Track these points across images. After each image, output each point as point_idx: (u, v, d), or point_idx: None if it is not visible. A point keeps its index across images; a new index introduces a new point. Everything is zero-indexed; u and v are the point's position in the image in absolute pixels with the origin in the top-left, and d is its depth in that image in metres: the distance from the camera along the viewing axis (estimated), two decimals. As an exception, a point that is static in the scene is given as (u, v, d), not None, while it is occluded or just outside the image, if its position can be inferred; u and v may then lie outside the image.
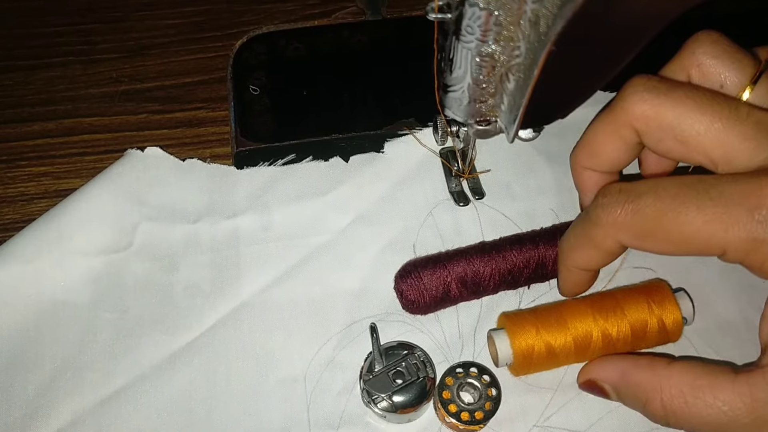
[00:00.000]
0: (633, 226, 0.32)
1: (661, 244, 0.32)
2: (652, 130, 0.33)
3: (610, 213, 0.32)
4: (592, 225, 0.34)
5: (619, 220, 0.32)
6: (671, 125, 0.32)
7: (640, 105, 0.33)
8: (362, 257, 0.43)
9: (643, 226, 0.31)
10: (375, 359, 0.38)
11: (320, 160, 0.47)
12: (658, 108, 0.33)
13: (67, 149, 0.49)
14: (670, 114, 0.32)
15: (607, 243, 0.34)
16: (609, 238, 0.33)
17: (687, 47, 0.36)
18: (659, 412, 0.32)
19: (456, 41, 0.33)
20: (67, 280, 0.42)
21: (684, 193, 0.30)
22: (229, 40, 0.54)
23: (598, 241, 0.34)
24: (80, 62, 0.53)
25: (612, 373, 0.35)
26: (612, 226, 0.32)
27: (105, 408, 0.38)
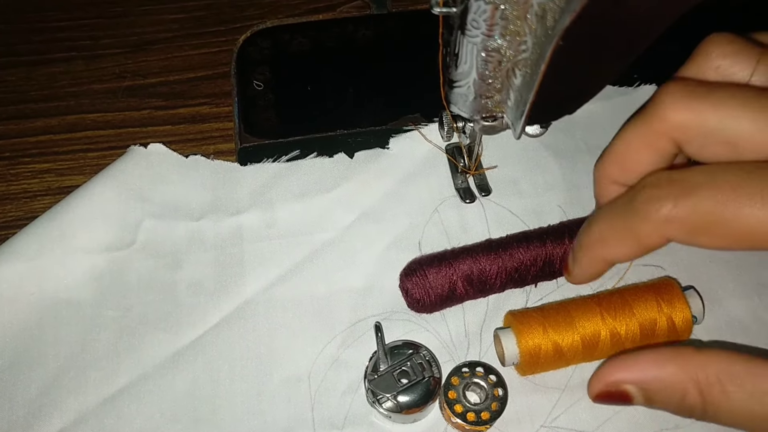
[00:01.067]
0: (688, 221, 0.28)
1: (718, 240, 0.28)
2: (694, 137, 0.30)
3: (661, 207, 0.29)
4: (639, 219, 0.30)
5: (672, 215, 0.29)
6: (716, 129, 0.29)
7: (679, 112, 0.30)
8: (367, 255, 0.43)
9: (700, 222, 0.28)
10: (380, 359, 0.37)
11: (325, 156, 0.46)
12: (698, 112, 0.30)
13: (70, 146, 0.49)
14: (712, 117, 0.29)
15: (652, 239, 0.30)
16: (656, 234, 0.30)
17: (701, 51, 0.33)
18: (698, 406, 0.29)
19: (461, 36, 0.32)
20: (69, 277, 0.42)
21: (746, 183, 0.27)
22: (232, 34, 0.54)
23: (643, 236, 0.30)
24: (83, 58, 0.53)
25: (635, 371, 0.31)
26: (663, 221, 0.29)
27: (108, 407, 0.38)
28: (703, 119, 0.30)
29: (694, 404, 0.29)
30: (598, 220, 0.33)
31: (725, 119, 0.29)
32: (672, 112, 0.30)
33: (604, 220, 0.33)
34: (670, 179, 0.29)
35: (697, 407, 0.29)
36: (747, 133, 0.29)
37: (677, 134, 0.31)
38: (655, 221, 0.29)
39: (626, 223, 0.31)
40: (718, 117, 0.29)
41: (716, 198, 0.28)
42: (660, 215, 0.29)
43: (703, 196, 0.28)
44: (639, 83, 0.48)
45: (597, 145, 0.46)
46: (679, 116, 0.30)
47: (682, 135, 0.31)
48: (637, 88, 0.48)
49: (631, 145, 0.33)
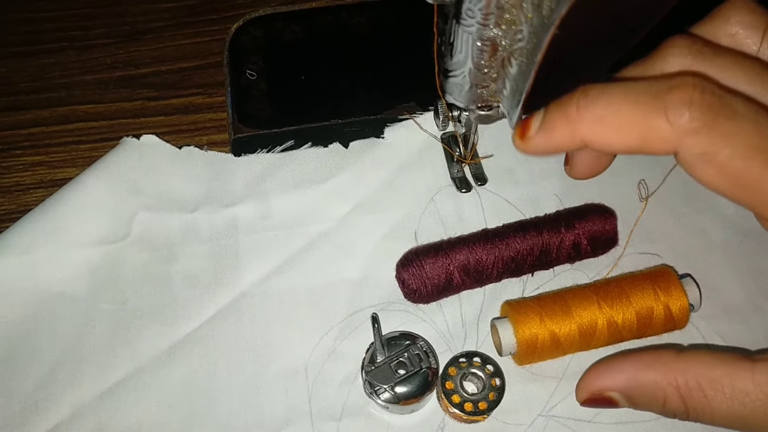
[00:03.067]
0: (712, 147, 0.26)
1: (726, 183, 0.27)
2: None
3: (695, 118, 0.26)
4: (662, 118, 0.27)
5: (701, 131, 0.26)
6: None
7: (681, 69, 0.29)
8: (363, 245, 0.43)
9: (724, 156, 0.26)
10: (377, 350, 0.37)
11: (319, 147, 0.46)
12: (702, 74, 0.29)
13: (62, 138, 0.48)
14: (714, 81, 0.28)
15: (663, 144, 0.27)
16: (671, 142, 0.27)
17: (720, 13, 0.31)
18: (680, 409, 0.30)
19: (456, 25, 0.32)
20: (64, 271, 0.42)
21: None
22: (225, 23, 0.53)
23: (656, 137, 0.27)
24: (74, 48, 0.52)
25: (617, 378, 0.32)
26: (687, 132, 0.27)
27: (104, 400, 0.38)
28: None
29: (677, 408, 0.30)
30: (605, 94, 0.28)
31: (727, 85, 0.28)
32: (675, 67, 0.29)
33: (615, 97, 0.28)
34: (713, 91, 0.26)
35: (680, 411, 0.30)
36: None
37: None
38: (680, 128, 0.26)
39: (645, 114, 0.27)
40: (720, 81, 0.28)
41: (752, 140, 0.26)
42: (689, 125, 0.26)
43: (742, 131, 0.26)
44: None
45: (593, 133, 0.46)
46: (684, 64, 0.29)
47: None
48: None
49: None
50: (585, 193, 0.44)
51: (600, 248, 0.41)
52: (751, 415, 0.28)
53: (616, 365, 0.32)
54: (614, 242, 0.42)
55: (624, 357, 0.32)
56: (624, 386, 0.32)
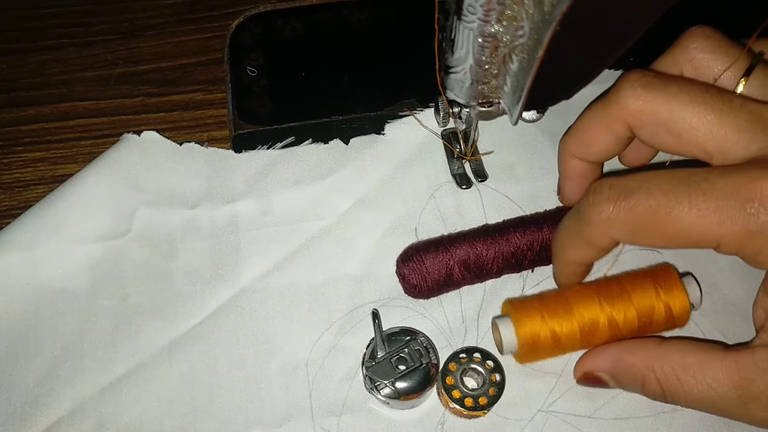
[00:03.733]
0: (625, 223, 0.32)
1: (654, 240, 0.32)
2: (646, 124, 0.33)
3: (602, 211, 0.32)
4: (584, 224, 0.33)
5: (612, 218, 0.32)
6: (664, 119, 0.32)
7: (633, 101, 0.33)
8: (363, 241, 0.43)
9: (636, 223, 0.31)
10: (377, 345, 0.37)
11: (320, 143, 0.46)
12: (651, 103, 0.33)
13: (62, 134, 0.48)
14: (663, 108, 0.32)
15: (600, 240, 0.34)
16: (602, 236, 0.33)
17: (680, 42, 0.36)
18: (657, 391, 0.33)
19: (457, 21, 0.32)
20: (65, 267, 0.42)
21: (676, 188, 0.30)
22: (225, 20, 0.53)
23: (591, 239, 0.34)
24: (74, 45, 0.52)
25: (604, 361, 0.36)
26: (605, 224, 0.32)
27: (105, 396, 0.38)
28: (654, 109, 0.33)
29: (654, 390, 0.33)
30: (559, 230, 0.37)
31: (673, 111, 0.32)
32: (628, 100, 0.33)
33: (562, 229, 0.36)
34: (610, 185, 0.32)
35: (657, 393, 0.33)
36: (690, 126, 0.32)
37: (631, 120, 0.34)
38: (598, 224, 0.33)
39: (577, 228, 0.34)
40: (667, 108, 0.32)
41: (648, 203, 0.31)
42: (601, 218, 0.32)
43: (637, 201, 0.31)
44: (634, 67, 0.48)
45: (593, 130, 0.46)
46: (633, 104, 0.33)
47: (635, 121, 0.34)
48: (633, 71, 0.48)
49: (591, 126, 0.36)
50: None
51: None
52: (719, 399, 0.31)
53: (604, 350, 0.36)
54: (614, 238, 0.42)
55: (613, 344, 0.36)
56: (609, 368, 0.35)
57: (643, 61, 0.36)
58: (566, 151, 0.39)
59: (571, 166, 0.39)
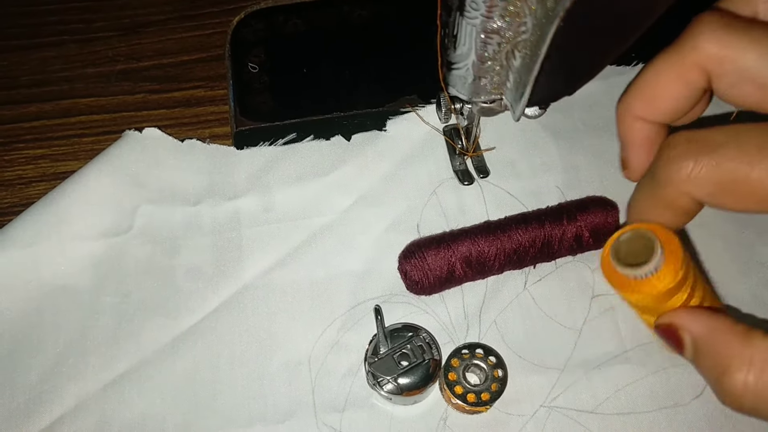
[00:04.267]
0: (710, 182, 0.28)
1: (744, 202, 0.28)
2: (728, 72, 0.29)
3: (681, 168, 0.28)
4: (660, 185, 0.29)
5: (693, 175, 0.28)
6: (749, 67, 0.28)
7: (714, 44, 0.29)
8: (365, 238, 0.43)
9: (724, 182, 0.27)
10: (380, 341, 0.37)
11: (321, 139, 0.46)
12: (736, 47, 0.28)
13: (64, 131, 0.48)
14: (750, 55, 0.28)
15: (680, 202, 0.29)
16: (683, 197, 0.29)
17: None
18: (738, 387, 0.27)
19: (460, 17, 0.32)
20: (67, 264, 0.42)
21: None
22: (226, 16, 0.53)
23: (670, 201, 0.29)
24: (75, 41, 0.52)
25: (700, 325, 0.29)
26: (685, 182, 0.28)
27: (108, 392, 0.38)
28: (739, 54, 0.28)
29: (734, 384, 0.27)
30: (633, 199, 0.32)
31: (762, 58, 0.28)
32: (708, 43, 0.29)
33: (637, 197, 0.32)
34: (688, 138, 0.28)
35: (736, 388, 0.27)
36: None
37: (711, 66, 0.29)
38: (678, 183, 0.28)
39: (652, 192, 0.30)
40: (755, 55, 0.28)
41: (741, 158, 0.27)
42: (681, 177, 0.28)
43: (727, 156, 0.27)
44: (636, 63, 0.48)
45: (595, 125, 0.46)
46: (714, 48, 0.29)
47: (716, 67, 0.29)
48: (635, 67, 0.48)
49: (659, 77, 0.31)
50: (587, 186, 0.44)
51: (602, 240, 0.41)
52: None
53: (703, 314, 0.30)
54: (616, 234, 0.42)
55: (714, 312, 0.30)
56: (699, 334, 0.29)
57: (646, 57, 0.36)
58: (629, 112, 0.33)
59: (636, 129, 0.33)
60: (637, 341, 0.39)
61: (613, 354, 0.39)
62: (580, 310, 0.40)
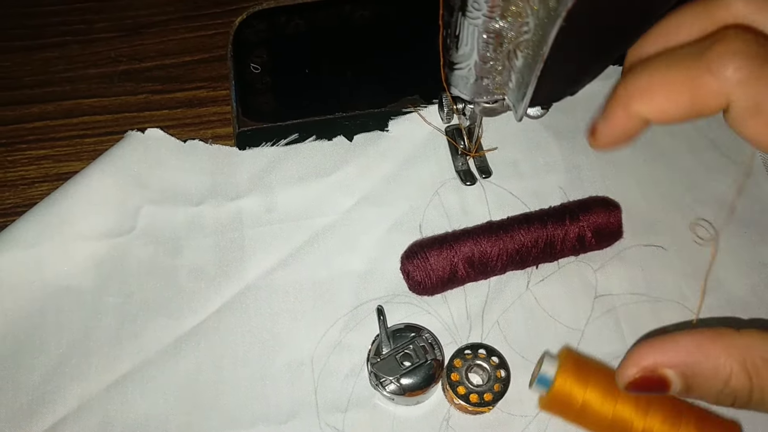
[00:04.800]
0: (759, 94, 0.25)
1: (763, 130, 0.26)
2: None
3: (741, 67, 0.25)
4: (708, 71, 0.25)
5: (749, 79, 0.25)
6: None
7: (747, 5, 0.27)
8: (368, 238, 0.43)
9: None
10: (382, 342, 0.37)
11: (324, 140, 0.46)
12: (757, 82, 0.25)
13: (66, 131, 0.48)
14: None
15: (713, 99, 0.26)
16: (720, 95, 0.26)
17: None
18: (745, 388, 0.27)
19: (462, 17, 0.32)
20: (70, 264, 0.42)
21: None
22: (228, 16, 0.53)
23: (705, 93, 0.26)
24: (77, 42, 0.52)
25: (677, 353, 0.28)
26: (736, 82, 0.25)
27: (112, 393, 0.38)
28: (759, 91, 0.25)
29: (741, 388, 0.27)
30: (648, 67, 0.27)
31: None
32: (739, 2, 0.27)
33: (658, 66, 0.27)
34: (757, 39, 0.25)
35: (743, 391, 0.27)
36: None
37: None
38: (728, 79, 0.25)
39: (691, 72, 0.26)
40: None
41: None
42: (736, 75, 0.25)
43: None
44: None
45: (597, 126, 0.46)
46: (746, 9, 0.27)
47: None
48: (637, 67, 0.48)
49: (681, 27, 0.29)
50: (589, 186, 0.44)
51: (605, 241, 0.41)
52: None
53: (670, 339, 0.28)
54: (619, 235, 0.42)
55: (678, 333, 0.28)
56: (683, 361, 0.28)
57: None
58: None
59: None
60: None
61: (615, 354, 0.39)
62: (583, 310, 0.40)
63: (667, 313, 0.40)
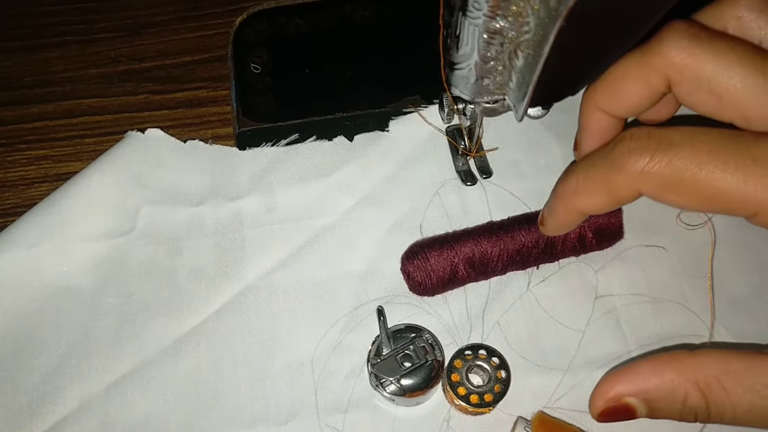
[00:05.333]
0: (661, 177, 0.29)
1: (687, 199, 0.29)
2: (687, 80, 0.31)
3: (637, 160, 0.29)
4: (614, 170, 0.30)
5: (647, 169, 0.29)
6: (708, 77, 0.30)
7: (678, 52, 0.30)
8: (368, 239, 0.43)
9: (673, 179, 0.29)
10: (383, 342, 0.37)
11: (324, 140, 0.46)
12: (697, 57, 0.30)
13: (66, 132, 0.48)
14: (709, 66, 0.30)
15: (625, 191, 0.31)
16: (630, 187, 0.30)
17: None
18: (702, 407, 0.29)
19: (462, 17, 0.32)
20: (69, 265, 0.42)
21: (723, 148, 0.28)
22: (229, 16, 0.53)
23: (617, 188, 0.31)
24: (77, 42, 0.52)
25: (635, 381, 0.30)
26: (638, 174, 0.29)
27: (111, 393, 0.38)
28: (699, 65, 0.30)
29: (698, 406, 0.29)
30: (575, 170, 0.34)
31: (719, 69, 0.30)
32: (672, 51, 0.30)
33: (581, 170, 0.33)
34: (649, 134, 0.30)
35: (701, 409, 0.29)
36: (734, 88, 0.29)
37: (672, 73, 0.31)
38: (630, 173, 0.30)
39: (602, 174, 0.31)
40: (714, 66, 0.30)
41: (691, 158, 0.28)
42: (635, 168, 0.29)
43: (679, 155, 0.29)
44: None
45: (598, 126, 0.46)
46: (677, 57, 0.30)
47: (676, 75, 0.31)
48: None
49: (625, 75, 0.33)
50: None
51: (605, 241, 0.41)
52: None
53: (630, 369, 0.31)
54: (620, 235, 0.42)
55: (637, 361, 0.31)
56: (642, 388, 0.30)
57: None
58: (592, 102, 0.35)
59: (595, 119, 0.36)
60: (640, 342, 0.39)
61: (616, 355, 0.39)
62: (584, 311, 0.40)
63: (669, 313, 0.40)
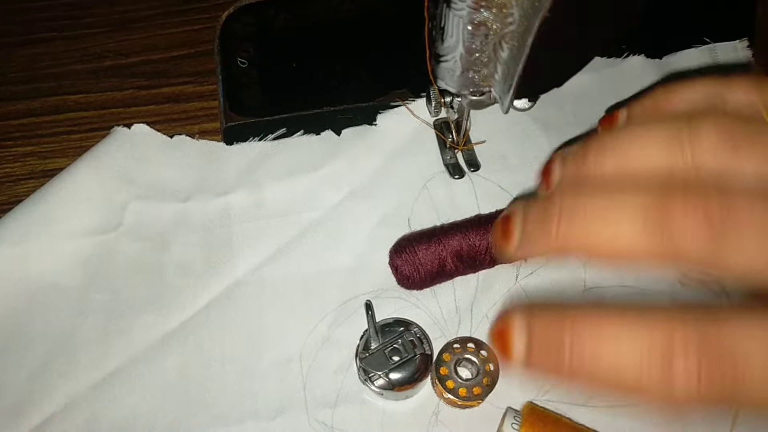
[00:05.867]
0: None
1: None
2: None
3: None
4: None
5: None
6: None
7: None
8: (356, 233, 0.43)
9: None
10: (371, 337, 0.37)
11: (312, 134, 0.46)
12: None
13: (52, 128, 0.48)
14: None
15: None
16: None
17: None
18: None
19: (447, 9, 0.31)
20: (56, 262, 0.41)
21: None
22: (215, 11, 0.53)
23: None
24: (63, 38, 0.52)
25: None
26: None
27: (99, 391, 0.38)
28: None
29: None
30: (532, 224, 0.23)
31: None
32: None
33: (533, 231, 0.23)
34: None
35: None
36: None
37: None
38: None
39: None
40: None
41: None
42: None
43: None
44: (627, 54, 0.47)
45: (586, 118, 0.46)
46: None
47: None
48: (626, 59, 0.47)
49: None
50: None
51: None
52: None
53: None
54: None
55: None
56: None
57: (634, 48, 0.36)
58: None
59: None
60: (629, 334, 0.39)
61: (604, 347, 0.39)
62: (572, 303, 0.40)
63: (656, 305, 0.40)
